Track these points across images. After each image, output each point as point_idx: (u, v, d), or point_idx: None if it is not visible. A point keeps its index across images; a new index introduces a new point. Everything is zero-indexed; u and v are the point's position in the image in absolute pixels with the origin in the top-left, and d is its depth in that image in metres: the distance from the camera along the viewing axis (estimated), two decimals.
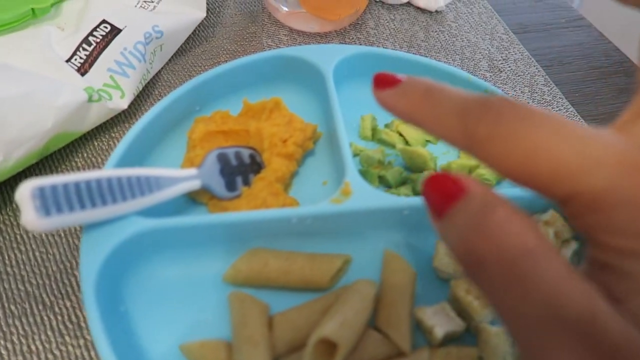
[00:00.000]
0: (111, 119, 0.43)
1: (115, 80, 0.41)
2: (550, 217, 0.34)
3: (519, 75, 0.51)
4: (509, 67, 0.52)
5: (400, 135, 0.41)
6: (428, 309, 0.31)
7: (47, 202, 0.26)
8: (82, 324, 0.32)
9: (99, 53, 0.42)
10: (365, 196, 0.33)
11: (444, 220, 0.16)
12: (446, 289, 0.33)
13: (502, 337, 0.30)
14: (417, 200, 0.33)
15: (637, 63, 0.19)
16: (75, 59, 0.41)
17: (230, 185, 0.35)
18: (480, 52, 0.53)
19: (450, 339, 0.31)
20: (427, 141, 0.42)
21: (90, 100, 0.38)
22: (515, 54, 0.53)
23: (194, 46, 0.51)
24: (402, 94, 0.18)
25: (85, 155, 0.41)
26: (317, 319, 0.30)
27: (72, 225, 0.28)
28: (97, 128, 0.42)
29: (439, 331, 0.30)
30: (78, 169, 0.40)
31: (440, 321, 0.31)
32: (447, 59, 0.51)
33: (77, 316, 0.32)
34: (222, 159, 0.35)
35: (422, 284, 0.33)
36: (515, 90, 0.49)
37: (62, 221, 0.27)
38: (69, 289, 0.33)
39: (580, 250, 0.35)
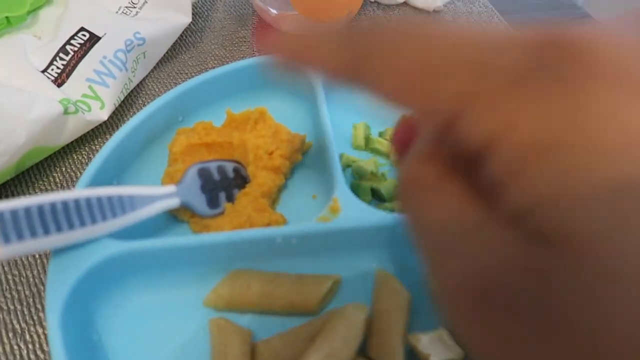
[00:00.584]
0: (91, 130, 0.41)
1: (95, 91, 0.39)
2: None
3: None
4: None
5: None
6: (423, 337, 0.29)
7: (7, 228, 0.24)
8: None
9: (77, 62, 0.40)
10: (355, 213, 0.31)
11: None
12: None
13: None
14: None
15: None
16: (52, 69, 0.39)
17: (213, 202, 0.33)
18: None
19: None
20: None
21: (66, 112, 0.36)
22: None
23: (181, 52, 0.49)
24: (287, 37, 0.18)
25: (64, 169, 0.39)
26: (302, 347, 0.28)
27: (36, 252, 0.26)
28: (76, 141, 0.40)
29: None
30: (56, 184, 0.38)
31: (436, 350, 0.28)
32: None
33: (49, 346, 0.30)
34: (204, 174, 0.33)
35: (417, 308, 0.31)
36: None
37: (24, 248, 0.25)
38: (41, 314, 0.31)
39: None
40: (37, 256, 0.34)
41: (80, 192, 0.27)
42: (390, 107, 0.16)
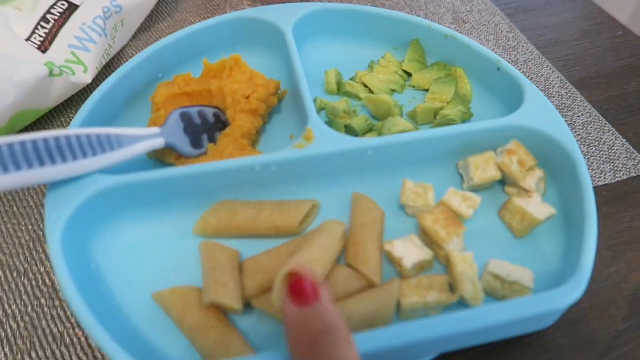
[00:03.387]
0: (77, 95, 0.43)
1: (77, 56, 0.41)
2: (513, 146, 0.34)
3: (483, 25, 0.51)
4: (474, 18, 0.52)
5: (365, 86, 0.42)
6: (396, 242, 0.31)
7: (5, 159, 0.26)
8: (57, 287, 0.32)
9: (58, 30, 0.42)
10: (328, 140, 0.33)
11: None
12: (414, 225, 0.34)
13: (468, 262, 0.30)
14: (380, 140, 0.34)
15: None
16: (35, 38, 0.41)
17: (196, 143, 0.36)
18: (444, 6, 0.53)
19: (421, 270, 0.32)
20: (393, 90, 0.42)
21: (51, 74, 0.38)
22: (479, 4, 0.54)
23: (158, 21, 0.51)
24: (300, 323, 0.22)
25: None
26: (286, 261, 0.30)
27: (34, 184, 0.28)
28: (64, 105, 0.42)
29: (408, 262, 0.31)
30: None
31: (408, 252, 0.31)
32: (412, 14, 0.51)
33: (51, 280, 0.32)
34: (185, 117, 0.36)
35: (391, 222, 0.34)
36: (480, 39, 0.50)
37: (21, 179, 0.27)
38: (42, 255, 0.33)
39: (546, 177, 0.35)
40: (33, 206, 0.36)
41: (71, 130, 0.30)
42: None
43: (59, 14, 0.42)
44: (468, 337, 0.27)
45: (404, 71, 0.43)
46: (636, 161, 0.40)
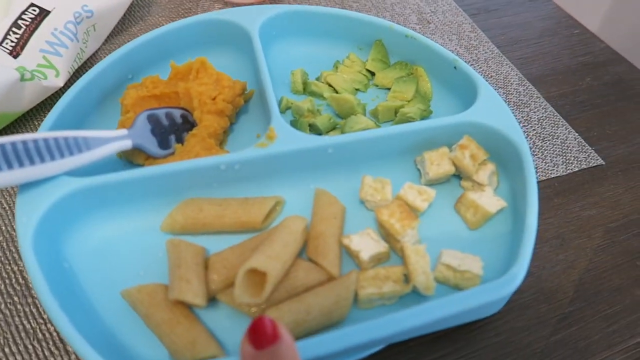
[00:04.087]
0: (50, 99, 0.44)
1: (49, 60, 0.42)
2: (465, 140, 0.36)
3: (446, 25, 0.53)
4: (438, 18, 0.54)
5: (330, 85, 0.43)
6: (353, 236, 0.33)
7: None
8: (30, 285, 0.33)
9: (30, 35, 0.43)
10: (290, 139, 0.35)
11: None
12: (374, 218, 0.36)
13: (421, 254, 0.32)
14: (339, 138, 0.35)
15: None
16: (7, 43, 0.42)
17: (164, 144, 0.37)
18: (409, 7, 0.55)
19: (378, 262, 0.33)
20: (357, 89, 0.44)
21: (22, 79, 0.40)
22: (443, 5, 0.55)
23: (130, 26, 0.52)
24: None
25: None
26: (250, 255, 0.32)
27: (2, 187, 0.30)
28: (37, 109, 0.43)
29: (365, 254, 0.32)
30: None
31: (365, 246, 0.33)
32: (378, 16, 0.53)
33: (24, 278, 0.33)
34: (153, 119, 0.37)
35: (352, 216, 0.35)
36: (443, 39, 0.51)
37: None
38: (15, 255, 0.34)
39: (498, 171, 0.37)
40: (7, 207, 0.37)
41: (39, 134, 0.31)
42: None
43: (30, 20, 0.43)
44: (417, 330, 0.29)
45: (368, 70, 0.45)
46: (587, 154, 0.42)
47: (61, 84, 0.43)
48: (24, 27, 0.43)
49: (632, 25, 0.92)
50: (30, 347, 0.31)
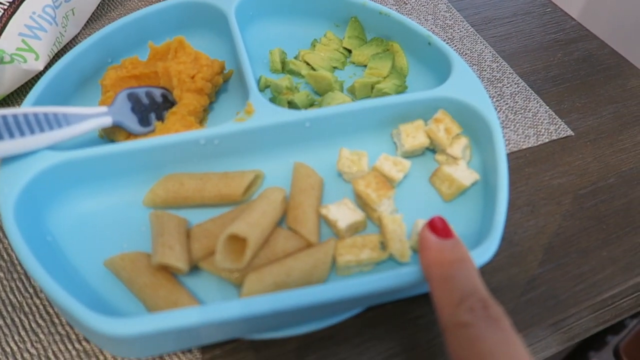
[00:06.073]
0: (30, 83, 0.44)
1: (28, 44, 0.43)
2: (440, 114, 0.37)
3: (422, 5, 0.54)
4: None
5: (308, 64, 0.44)
6: (331, 206, 0.34)
7: None
8: (15, 261, 0.34)
9: (8, 19, 0.43)
10: (268, 113, 0.36)
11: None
12: (351, 190, 0.37)
13: (397, 223, 0.33)
14: (316, 112, 0.36)
15: None
16: None
17: (144, 121, 0.38)
18: None
19: (355, 231, 0.34)
20: (334, 67, 0.45)
21: (2, 62, 0.40)
22: None
23: (109, 10, 0.52)
24: (439, 249, 0.27)
25: None
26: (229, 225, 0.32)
27: None
28: (17, 93, 0.44)
29: (342, 223, 0.33)
30: None
31: (342, 215, 0.34)
32: None
33: (9, 255, 0.34)
34: (133, 97, 0.38)
35: (330, 188, 0.36)
36: (419, 19, 0.52)
37: None
38: None
39: (471, 145, 0.38)
40: None
41: (19, 109, 0.31)
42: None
43: (8, 3, 0.43)
44: (392, 293, 0.30)
45: (345, 48, 0.46)
46: (557, 126, 0.43)
47: (41, 68, 0.43)
48: (2, 10, 0.43)
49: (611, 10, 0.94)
50: (17, 319, 0.31)
